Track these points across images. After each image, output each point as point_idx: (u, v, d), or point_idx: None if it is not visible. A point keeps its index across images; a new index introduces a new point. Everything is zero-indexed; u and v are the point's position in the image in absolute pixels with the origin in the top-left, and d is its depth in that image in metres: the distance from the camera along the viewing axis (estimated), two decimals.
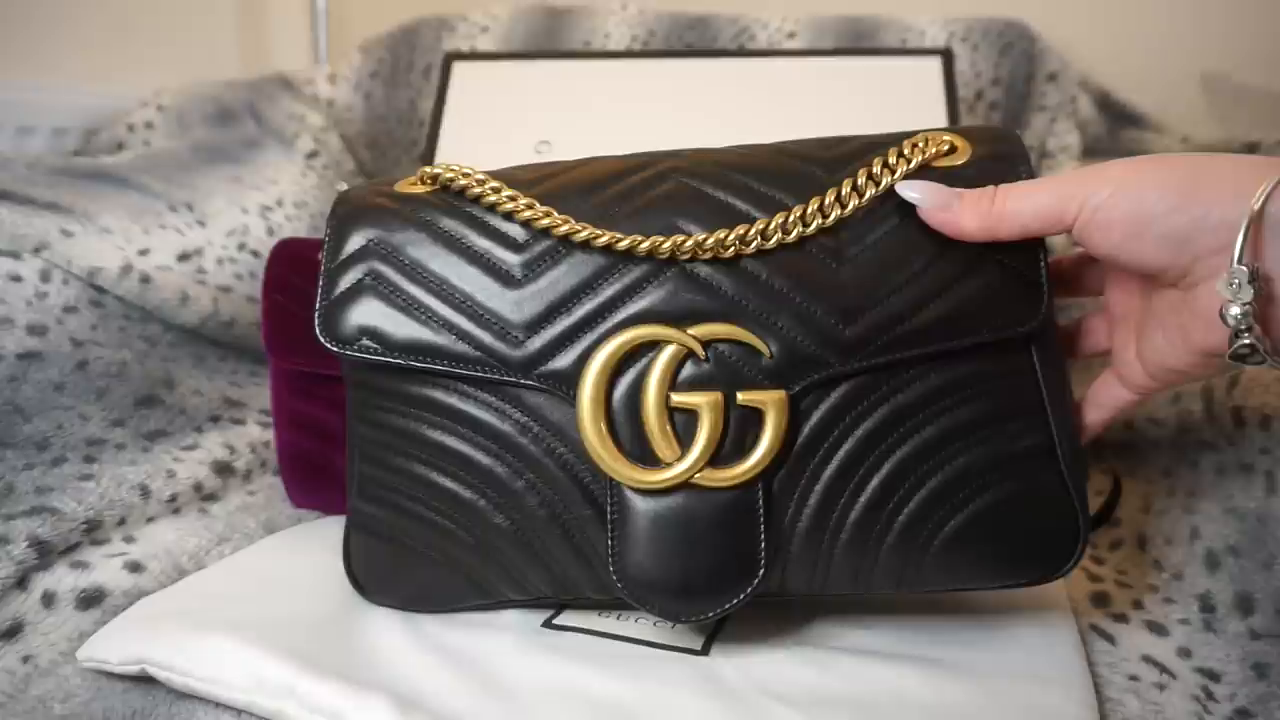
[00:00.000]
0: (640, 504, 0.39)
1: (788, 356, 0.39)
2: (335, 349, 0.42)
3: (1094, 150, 0.87)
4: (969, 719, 0.37)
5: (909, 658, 0.41)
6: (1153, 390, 0.41)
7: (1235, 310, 0.33)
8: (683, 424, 0.39)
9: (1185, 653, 0.43)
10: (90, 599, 0.46)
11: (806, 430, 0.39)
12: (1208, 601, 0.45)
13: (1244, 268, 0.32)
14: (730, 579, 0.39)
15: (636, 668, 0.40)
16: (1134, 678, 0.41)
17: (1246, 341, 0.33)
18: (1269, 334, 0.33)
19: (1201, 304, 0.35)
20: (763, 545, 0.39)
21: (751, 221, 0.39)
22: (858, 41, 0.93)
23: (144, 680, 0.41)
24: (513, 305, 0.40)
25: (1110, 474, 0.57)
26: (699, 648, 0.42)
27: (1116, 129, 0.89)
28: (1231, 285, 0.33)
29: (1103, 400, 0.42)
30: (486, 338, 0.40)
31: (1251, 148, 0.73)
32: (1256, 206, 0.32)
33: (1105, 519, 0.55)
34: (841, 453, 0.39)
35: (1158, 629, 0.45)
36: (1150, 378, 0.40)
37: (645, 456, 0.39)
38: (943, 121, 0.75)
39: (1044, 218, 0.37)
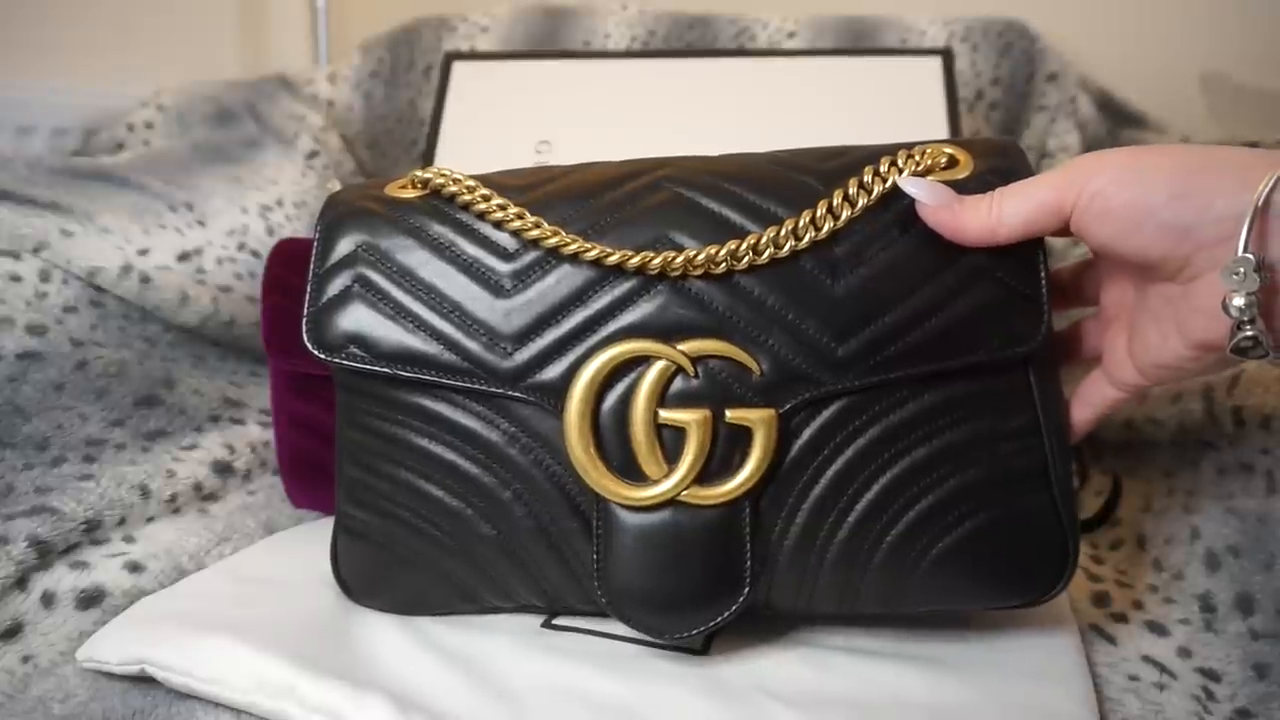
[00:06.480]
0: (626, 519, 0.39)
1: (778, 374, 0.38)
2: (322, 357, 0.41)
3: (1094, 150, 0.87)
4: (969, 719, 0.37)
5: (909, 658, 0.41)
6: (1142, 388, 0.40)
7: (1239, 301, 0.32)
8: (670, 440, 0.39)
9: (1185, 653, 0.43)
10: (90, 599, 0.46)
11: (796, 448, 0.39)
12: (1208, 601, 0.45)
13: (1249, 256, 0.32)
14: (714, 596, 0.39)
15: (636, 667, 0.40)
16: (1134, 678, 0.41)
17: (1249, 333, 0.33)
18: (1271, 327, 0.33)
19: (1202, 296, 0.34)
20: (748, 563, 0.39)
21: (744, 235, 0.38)
22: (858, 41, 0.93)
23: (144, 680, 0.41)
24: (502, 315, 0.40)
25: (1110, 474, 0.57)
26: (699, 647, 0.42)
27: (1116, 129, 0.89)
28: (1235, 275, 0.32)
29: (1092, 399, 0.42)
30: (475, 348, 0.40)
31: (1251, 147, 0.73)
32: (1261, 199, 0.32)
33: (1105, 519, 0.55)
34: (831, 472, 0.39)
35: (1158, 629, 0.45)
36: (1140, 375, 0.39)
37: (632, 472, 0.39)
38: (943, 121, 0.75)
39: (1044, 209, 0.36)
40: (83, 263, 0.61)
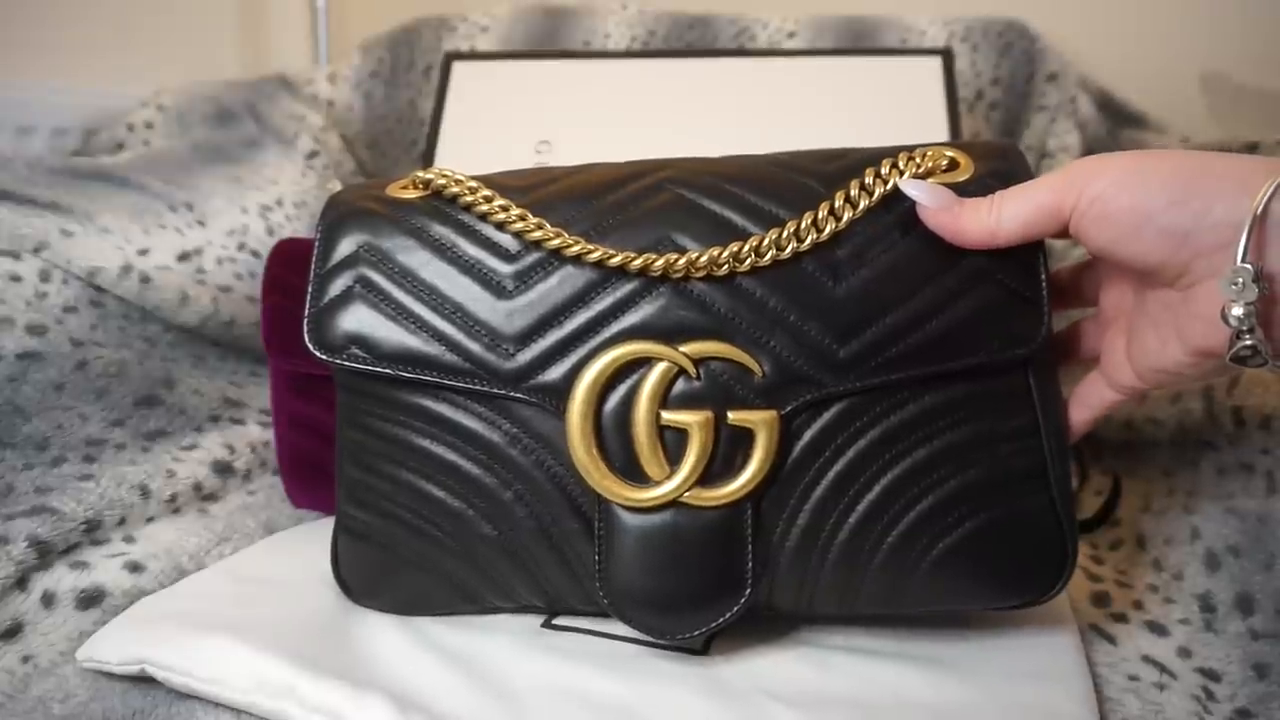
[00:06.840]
0: (628, 520, 0.39)
1: (780, 375, 0.38)
2: (324, 357, 0.41)
3: (1094, 150, 0.87)
4: (969, 719, 0.37)
5: (909, 657, 0.41)
6: (1140, 391, 0.40)
7: (1238, 310, 0.33)
8: (672, 442, 0.39)
9: (1185, 653, 0.43)
10: (90, 599, 0.46)
11: (797, 450, 0.39)
12: (1208, 601, 0.45)
13: (1248, 266, 0.32)
14: (716, 597, 0.39)
15: (636, 667, 0.40)
16: (1134, 678, 0.41)
17: (1248, 343, 0.33)
18: (1270, 336, 0.33)
19: (1201, 304, 0.34)
20: (749, 564, 0.39)
21: (745, 236, 0.38)
22: (858, 41, 0.93)
23: (144, 680, 0.41)
24: (504, 316, 0.40)
25: (1110, 474, 0.57)
26: (699, 647, 0.42)
27: (1116, 129, 0.89)
28: (1234, 285, 0.32)
29: (1090, 400, 0.42)
30: (477, 349, 0.40)
31: (1251, 148, 0.73)
32: (1260, 206, 0.32)
33: (1105, 519, 0.55)
34: (832, 473, 0.39)
35: (1158, 629, 0.45)
36: (1139, 378, 0.39)
37: (634, 473, 0.39)
38: (943, 121, 0.75)
39: (1044, 212, 0.36)
40: (83, 263, 0.61)
